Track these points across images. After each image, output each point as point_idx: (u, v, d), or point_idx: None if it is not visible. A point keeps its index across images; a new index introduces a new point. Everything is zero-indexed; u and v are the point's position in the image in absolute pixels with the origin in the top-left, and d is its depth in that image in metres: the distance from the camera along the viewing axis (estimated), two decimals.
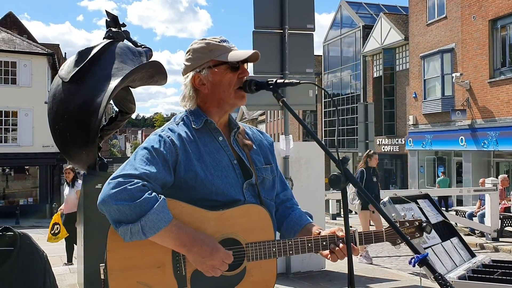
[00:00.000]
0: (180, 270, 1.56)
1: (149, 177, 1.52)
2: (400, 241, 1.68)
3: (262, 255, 1.61)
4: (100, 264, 1.60)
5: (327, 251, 1.66)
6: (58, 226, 8.28)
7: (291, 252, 1.63)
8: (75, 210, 7.44)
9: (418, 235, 1.73)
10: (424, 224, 1.74)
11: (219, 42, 1.70)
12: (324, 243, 1.66)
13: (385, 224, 14.99)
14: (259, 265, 1.62)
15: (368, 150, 9.25)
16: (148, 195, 1.47)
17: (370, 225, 8.87)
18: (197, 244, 1.51)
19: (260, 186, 1.74)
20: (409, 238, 1.70)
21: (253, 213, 1.64)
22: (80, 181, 8.35)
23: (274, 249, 1.62)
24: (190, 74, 1.71)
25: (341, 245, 1.64)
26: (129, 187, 1.46)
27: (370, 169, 8.61)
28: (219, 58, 1.67)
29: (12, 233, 2.32)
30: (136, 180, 1.49)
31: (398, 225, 1.70)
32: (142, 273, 1.55)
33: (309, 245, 1.65)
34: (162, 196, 1.51)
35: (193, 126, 1.69)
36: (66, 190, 8.73)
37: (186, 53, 1.76)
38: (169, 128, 1.68)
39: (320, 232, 1.70)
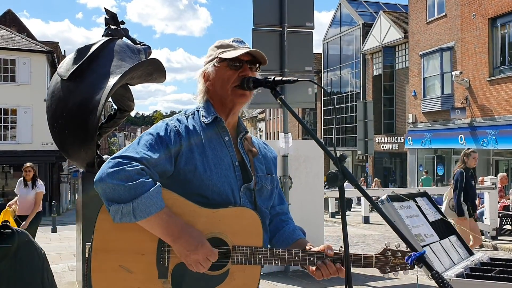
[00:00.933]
0: (163, 261, 1.56)
1: (149, 163, 1.53)
2: (389, 270, 1.66)
3: (247, 260, 1.59)
4: (87, 243, 1.61)
5: (313, 267, 1.65)
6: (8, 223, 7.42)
7: (276, 262, 1.62)
8: (28, 213, 7.29)
9: (409, 267, 1.68)
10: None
11: (230, 41, 1.76)
12: (311, 258, 1.64)
13: (383, 222, 14.82)
14: (242, 269, 1.60)
15: (466, 148, 8.09)
16: (145, 179, 1.48)
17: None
18: (184, 236, 1.51)
19: (258, 193, 1.74)
20: (399, 269, 1.67)
21: (245, 217, 1.63)
22: (41, 182, 7.74)
23: (260, 256, 1.60)
24: (200, 71, 1.77)
25: (327, 262, 1.63)
26: (128, 168, 1.48)
27: (469, 171, 7.46)
28: (221, 55, 1.71)
29: (10, 231, 2.32)
30: (135, 163, 1.50)
31: (390, 254, 1.68)
32: (125, 257, 1.56)
33: (296, 258, 1.64)
34: (158, 183, 1.52)
35: (203, 120, 1.71)
36: (23, 189, 7.63)
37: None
38: (177, 119, 1.71)
39: (311, 248, 1.69)
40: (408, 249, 1.64)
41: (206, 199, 1.62)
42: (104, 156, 5.34)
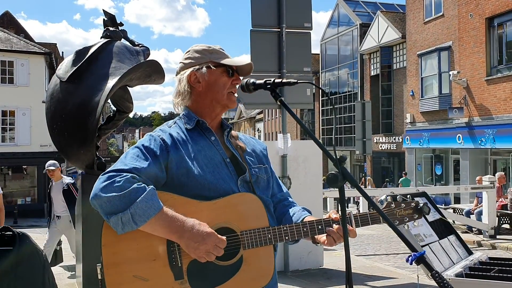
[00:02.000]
0: (176, 262, 1.55)
1: (139, 172, 1.56)
2: (398, 223, 1.67)
3: (258, 242, 1.59)
4: (97, 264, 1.59)
5: (323, 237, 1.67)
6: None
7: (287, 237, 1.63)
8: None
9: (417, 216, 1.69)
10: (421, 205, 1.69)
11: (219, 48, 1.80)
12: (319, 226, 1.65)
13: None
14: (256, 253, 1.60)
15: None
16: (137, 185, 1.50)
17: None
18: (188, 229, 1.51)
19: (255, 184, 1.76)
20: (407, 220, 1.68)
21: (245, 201, 1.64)
22: None
23: (269, 236, 1.61)
24: (188, 71, 1.76)
25: (335, 226, 1.64)
26: (119, 179, 1.50)
27: None
28: (218, 60, 1.74)
29: (11, 233, 2.32)
30: (125, 173, 1.53)
31: (394, 206, 1.70)
32: (137, 266, 1.54)
33: (305, 229, 1.64)
34: (152, 186, 1.53)
35: (186, 126, 1.73)
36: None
37: (186, 53, 1.83)
38: (160, 129, 1.75)
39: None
40: (410, 199, 1.71)
41: (204, 198, 1.63)
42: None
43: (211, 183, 1.64)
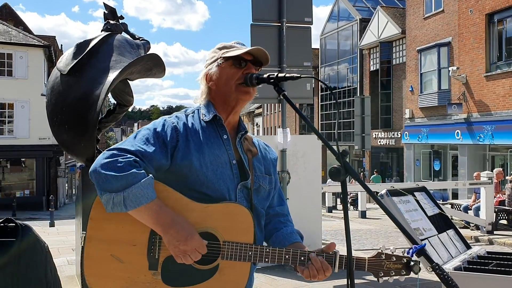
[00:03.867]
0: (154, 253, 1.59)
1: (144, 156, 1.57)
2: (382, 275, 1.61)
3: (237, 256, 1.59)
4: (82, 232, 1.65)
5: (303, 268, 1.63)
6: None
7: (266, 259, 1.61)
8: None
9: (404, 273, 1.61)
10: (413, 263, 1.60)
11: (232, 43, 1.79)
12: (302, 258, 1.62)
13: (380, 217, 14.84)
14: (232, 265, 1.60)
15: None
16: (137, 170, 1.51)
17: None
18: (175, 227, 1.53)
19: (254, 192, 1.75)
20: (393, 274, 1.61)
21: (237, 213, 1.63)
22: None
23: (250, 253, 1.60)
24: (203, 72, 1.79)
25: (318, 260, 1.60)
26: (121, 159, 1.52)
27: None
28: (225, 55, 1.74)
29: (14, 224, 2.34)
30: (129, 155, 1.54)
31: (384, 258, 1.63)
32: (117, 247, 1.59)
33: (287, 256, 1.62)
34: (151, 175, 1.54)
35: (202, 118, 1.73)
36: None
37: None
38: (176, 116, 1.75)
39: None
40: (404, 254, 1.63)
41: (201, 194, 1.63)
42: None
43: (210, 181, 1.64)
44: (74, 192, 38.03)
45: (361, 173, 27.11)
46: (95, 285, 1.60)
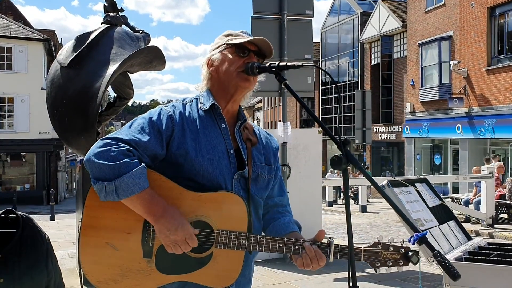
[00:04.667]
0: (148, 241, 1.59)
1: (138, 145, 1.57)
2: (379, 265, 1.59)
3: (230, 245, 1.59)
4: (79, 220, 1.67)
5: (297, 257, 1.62)
6: None
7: (260, 248, 1.61)
8: None
9: (402, 263, 1.58)
10: (411, 253, 1.56)
11: (239, 32, 1.80)
12: (296, 247, 1.61)
13: (380, 211, 14.87)
14: (226, 254, 1.60)
15: None
16: (130, 159, 1.52)
17: None
18: (165, 216, 1.53)
19: (253, 181, 1.73)
20: (391, 264, 1.58)
21: (230, 202, 1.62)
22: None
23: (244, 242, 1.59)
24: (206, 57, 1.79)
25: (312, 249, 1.59)
26: (114, 148, 1.53)
27: None
28: (228, 42, 1.75)
29: (15, 215, 2.34)
30: (122, 144, 1.55)
31: (380, 247, 1.60)
32: (112, 235, 1.60)
33: (280, 245, 1.61)
34: (143, 164, 1.54)
35: (200, 107, 1.73)
36: None
37: None
38: (173, 104, 1.74)
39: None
40: (403, 243, 1.60)
41: (197, 184, 1.63)
42: None
43: (206, 171, 1.63)
44: (74, 186, 38.08)
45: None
46: (90, 272, 1.61)
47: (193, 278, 1.60)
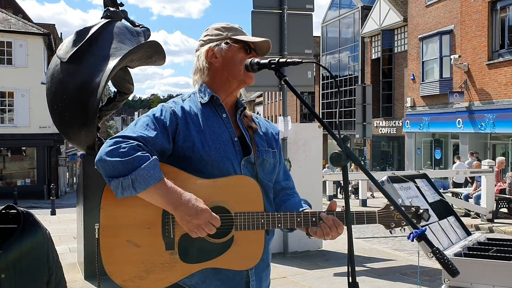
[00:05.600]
0: (169, 233, 1.60)
1: (146, 141, 1.59)
2: (393, 225, 1.66)
3: (250, 226, 1.62)
4: (95, 224, 1.65)
5: (315, 229, 1.67)
6: None
7: (279, 224, 1.65)
8: None
9: (415, 221, 1.65)
10: (422, 210, 1.66)
11: (238, 27, 1.84)
12: (313, 219, 1.67)
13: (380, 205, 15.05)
14: (247, 235, 1.63)
15: None
16: (141, 153, 1.54)
17: None
18: (185, 202, 1.55)
19: (259, 166, 1.77)
20: (404, 224, 1.66)
21: (244, 184, 1.66)
22: None
23: (262, 221, 1.63)
24: (205, 47, 1.79)
25: (329, 218, 1.65)
26: (124, 145, 1.55)
27: None
28: (236, 37, 1.78)
29: (15, 211, 2.35)
30: (131, 141, 1.57)
31: (393, 209, 1.68)
32: (132, 232, 1.60)
33: (298, 219, 1.66)
34: (155, 156, 1.56)
35: (200, 100, 1.76)
36: None
37: (205, 31, 1.86)
38: (173, 101, 1.78)
39: None
40: (412, 205, 1.68)
41: (206, 174, 1.65)
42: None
43: (214, 160, 1.66)
44: (75, 181, 38.12)
45: (362, 162, 27.08)
46: (115, 273, 1.60)
47: (217, 263, 1.62)
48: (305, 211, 1.74)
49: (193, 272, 1.62)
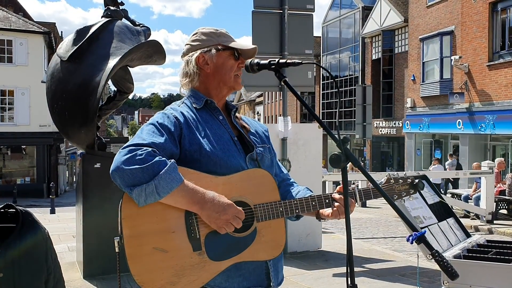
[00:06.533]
0: (194, 234, 1.61)
1: (157, 147, 1.60)
2: (396, 197, 1.79)
3: (270, 215, 1.68)
4: (114, 238, 1.63)
5: (328, 210, 1.77)
6: None
7: (297, 210, 1.73)
8: None
9: (412, 191, 1.81)
10: (416, 181, 1.80)
11: (225, 32, 1.86)
12: (327, 201, 1.76)
13: (380, 205, 14.84)
14: (268, 225, 1.69)
15: None
16: (159, 158, 1.55)
17: None
18: (209, 200, 1.58)
19: (260, 162, 1.83)
20: (405, 195, 1.80)
21: (258, 176, 1.73)
22: None
23: (281, 209, 1.70)
24: (196, 53, 1.81)
25: (339, 197, 1.74)
26: (140, 152, 1.55)
27: None
28: (226, 44, 1.80)
29: (14, 210, 2.34)
30: (145, 147, 1.57)
31: (393, 182, 1.81)
32: (157, 239, 1.59)
33: (313, 203, 1.75)
34: (172, 160, 1.58)
35: (194, 106, 1.79)
36: None
37: (193, 35, 1.87)
38: (171, 107, 1.81)
39: None
40: (408, 176, 1.83)
41: (217, 174, 1.68)
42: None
43: (222, 160, 1.69)
44: (74, 180, 38.11)
45: (362, 163, 27.10)
46: (146, 282, 1.58)
47: (245, 257, 1.66)
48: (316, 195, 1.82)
49: (223, 269, 1.64)
